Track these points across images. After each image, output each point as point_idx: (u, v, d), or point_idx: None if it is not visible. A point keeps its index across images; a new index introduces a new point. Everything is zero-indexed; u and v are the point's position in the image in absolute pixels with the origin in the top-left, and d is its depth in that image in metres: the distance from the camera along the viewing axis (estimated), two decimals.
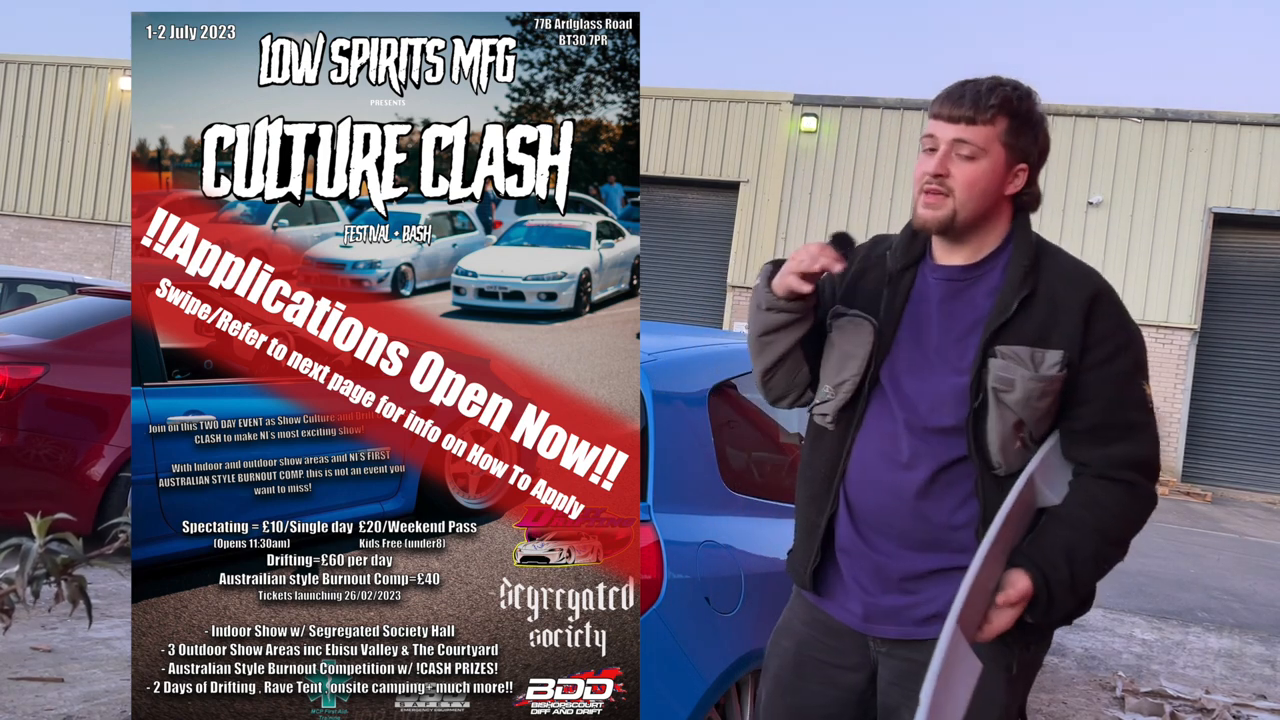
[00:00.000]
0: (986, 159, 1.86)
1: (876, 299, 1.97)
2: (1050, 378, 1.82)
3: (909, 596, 1.93)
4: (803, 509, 2.08)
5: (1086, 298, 1.86)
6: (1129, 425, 1.87)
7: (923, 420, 1.90)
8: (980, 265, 1.93)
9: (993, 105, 1.84)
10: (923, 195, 1.89)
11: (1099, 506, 1.85)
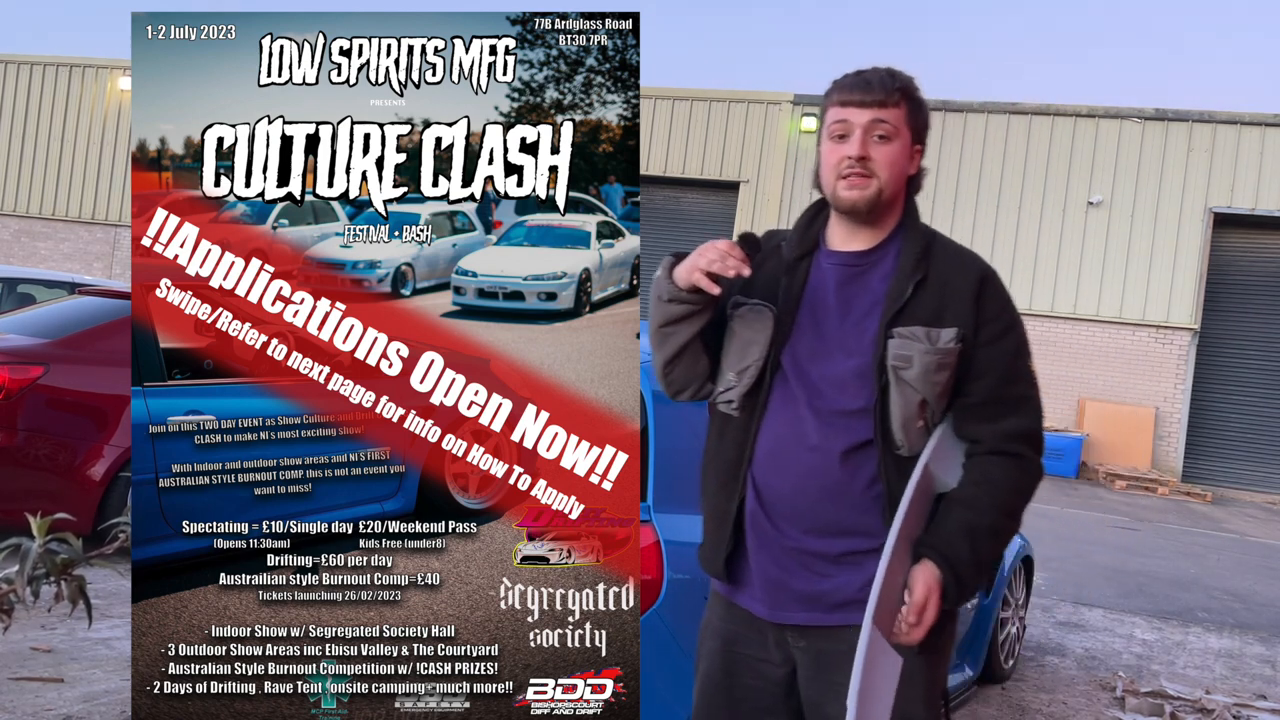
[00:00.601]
0: (899, 140, 1.97)
1: (774, 287, 2.02)
2: (946, 350, 1.91)
3: (819, 581, 1.96)
4: (711, 498, 2.08)
5: (976, 280, 1.97)
6: (1020, 398, 1.97)
7: (827, 403, 1.95)
8: (875, 251, 2.01)
9: (897, 89, 1.96)
10: (845, 179, 1.95)
11: (992, 483, 1.93)
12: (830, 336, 1.98)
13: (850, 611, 1.92)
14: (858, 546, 1.95)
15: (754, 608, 2.03)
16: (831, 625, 1.96)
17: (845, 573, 1.96)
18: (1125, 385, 17.17)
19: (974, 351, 1.94)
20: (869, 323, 1.96)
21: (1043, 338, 17.58)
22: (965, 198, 18.11)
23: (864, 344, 1.95)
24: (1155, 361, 17.05)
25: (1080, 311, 17.41)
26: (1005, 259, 17.81)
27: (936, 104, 18.34)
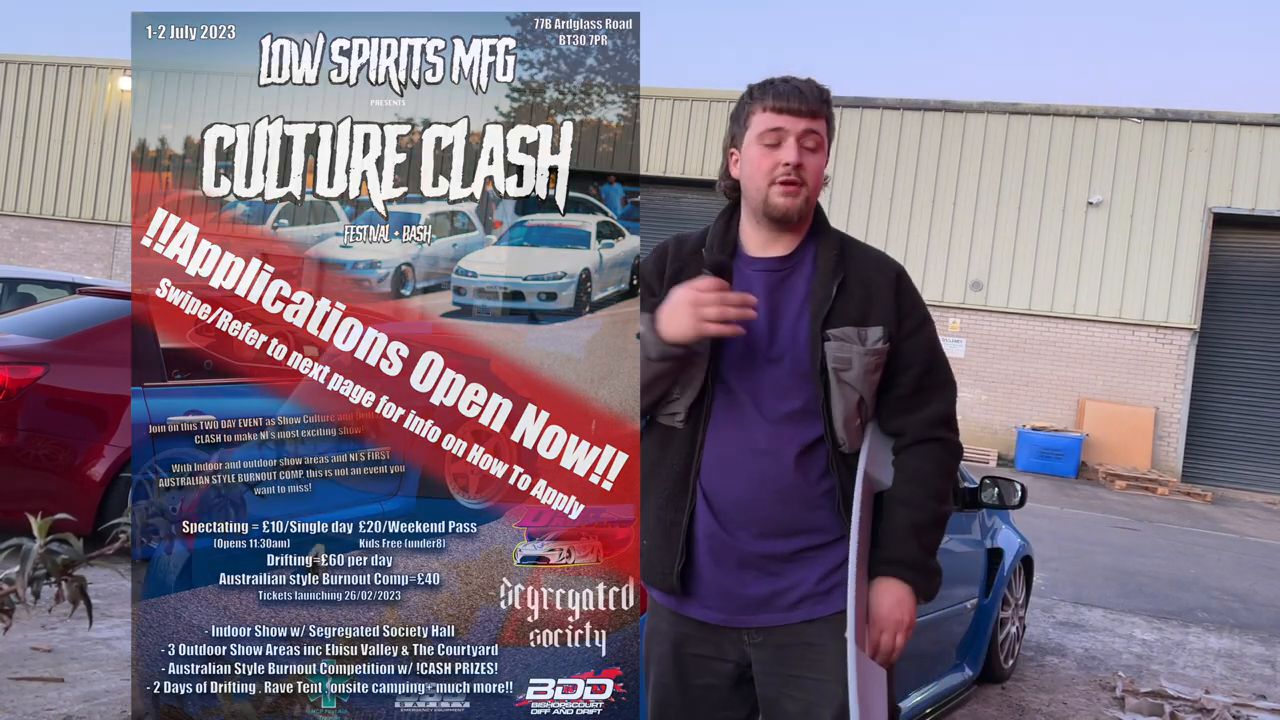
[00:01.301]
0: (823, 150, 2.03)
1: None
2: (878, 350, 2.00)
3: (775, 581, 2.01)
4: (657, 512, 2.09)
5: (893, 277, 2.07)
6: (939, 385, 2.09)
7: (771, 408, 2.00)
8: (794, 255, 2.07)
9: (824, 100, 2.02)
10: (780, 185, 1.99)
11: (925, 476, 2.04)
12: (764, 342, 2.02)
13: (809, 606, 2.00)
14: (811, 543, 2.01)
15: (707, 617, 2.06)
16: (790, 623, 2.01)
17: (800, 570, 2.01)
18: (1125, 385, 17.18)
19: (898, 346, 2.03)
20: (800, 326, 2.01)
21: (1043, 338, 17.59)
22: (965, 198, 18.11)
23: (799, 347, 2.00)
24: (1155, 361, 17.06)
25: (1080, 311, 17.42)
26: (1005, 259, 17.81)
27: (936, 104, 18.35)
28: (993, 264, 17.87)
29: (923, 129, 18.42)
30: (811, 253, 2.07)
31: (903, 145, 18.45)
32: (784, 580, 2.01)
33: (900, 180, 18.35)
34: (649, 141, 19.55)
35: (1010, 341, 17.55)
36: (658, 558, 2.08)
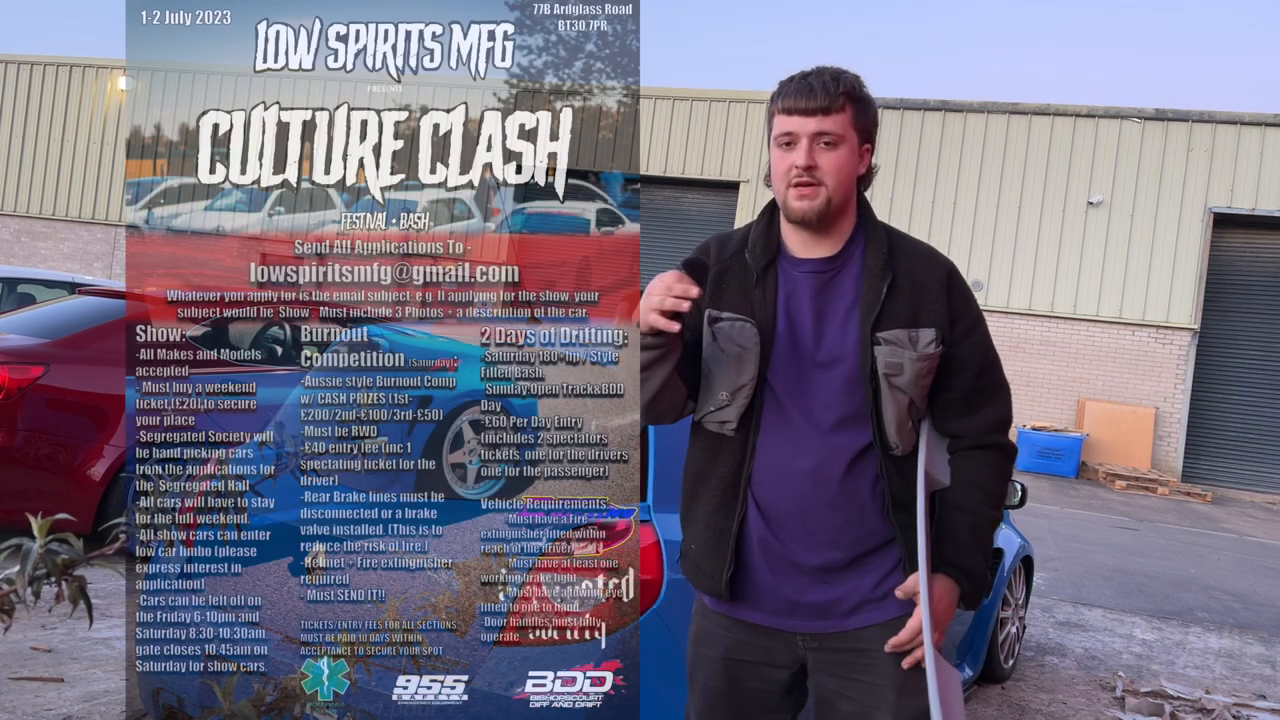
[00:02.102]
0: (845, 145, 1.95)
1: (747, 300, 2.00)
2: (930, 354, 1.95)
3: (832, 590, 1.98)
4: (706, 518, 2.04)
5: (943, 276, 2.00)
6: (993, 387, 2.04)
7: (820, 415, 1.96)
8: (841, 255, 2.01)
9: (842, 93, 1.93)
10: (794, 189, 1.94)
11: (983, 481, 2.02)
12: (811, 346, 1.98)
13: (864, 613, 1.97)
14: (863, 549, 1.98)
15: (762, 620, 2.03)
16: (846, 630, 1.99)
17: (855, 578, 1.98)
18: (1125, 385, 17.18)
19: (951, 349, 1.98)
20: (849, 328, 1.97)
21: (1043, 338, 17.58)
22: (965, 198, 18.11)
23: (847, 350, 1.96)
24: (1155, 361, 17.05)
25: (1080, 311, 17.42)
26: (1005, 259, 17.81)
27: (936, 104, 18.36)
28: (993, 264, 17.87)
29: (923, 129, 18.43)
30: (859, 251, 2.01)
31: (903, 145, 18.45)
32: (839, 588, 1.98)
33: (900, 180, 18.35)
34: (649, 141, 19.56)
35: (1010, 341, 17.54)
36: (706, 563, 2.04)
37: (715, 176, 19.50)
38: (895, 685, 1.94)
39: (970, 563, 1.99)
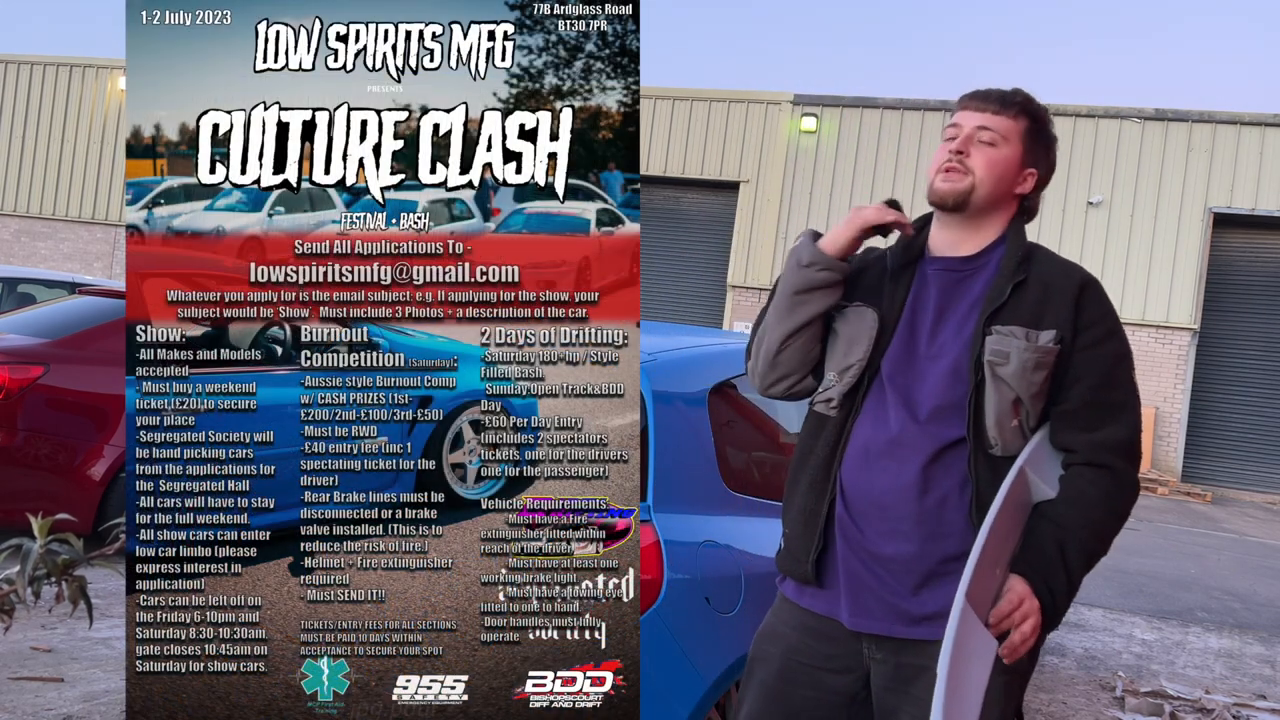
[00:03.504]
0: (1006, 147, 1.97)
1: (878, 292, 2.03)
2: (1045, 349, 1.89)
3: (902, 590, 1.92)
4: (800, 497, 2.04)
5: (1077, 284, 1.96)
6: (1117, 405, 1.94)
7: (920, 404, 1.94)
8: (978, 258, 2.01)
9: (1017, 102, 1.99)
10: (942, 172, 1.98)
11: (1088, 502, 1.89)
12: (927, 338, 1.98)
13: (933, 625, 1.86)
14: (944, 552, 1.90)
15: (834, 612, 1.99)
16: (913, 639, 1.91)
17: (930, 584, 1.91)
18: None
19: (1072, 355, 1.92)
20: (968, 322, 1.95)
21: None
22: None
23: (960, 343, 1.94)
24: (1155, 361, 17.05)
25: None
26: None
27: (936, 104, 18.36)
28: None
29: (923, 129, 18.42)
30: (997, 257, 2.00)
31: (903, 145, 18.44)
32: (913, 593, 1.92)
33: (900, 180, 18.34)
34: (649, 141, 19.55)
35: None
36: (797, 545, 2.03)
37: (715, 176, 19.49)
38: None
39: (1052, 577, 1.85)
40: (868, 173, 18.57)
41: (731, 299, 19.15)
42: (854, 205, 18.43)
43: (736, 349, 3.34)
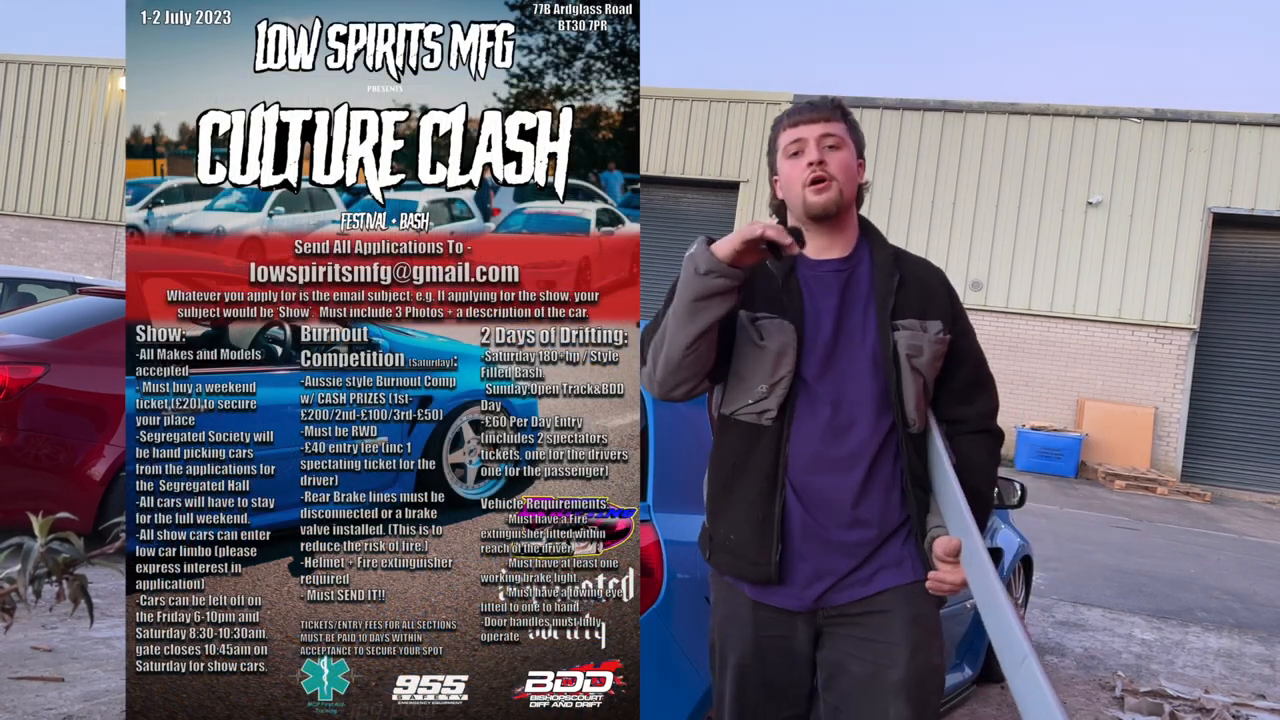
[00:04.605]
0: (846, 149, 2.19)
1: (777, 301, 2.15)
2: (942, 339, 2.18)
3: (860, 563, 2.12)
4: (747, 506, 2.15)
5: (944, 282, 2.27)
6: (986, 379, 2.29)
7: (853, 402, 2.13)
8: (853, 256, 2.22)
9: (836, 107, 2.21)
10: (810, 187, 2.14)
11: (982, 465, 2.23)
12: (836, 337, 2.14)
13: (884, 577, 2.12)
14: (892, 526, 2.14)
15: (790, 604, 2.14)
16: (867, 595, 2.13)
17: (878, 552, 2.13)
18: (1125, 385, 17.18)
19: (954, 342, 2.20)
20: (869, 318, 2.15)
21: (1042, 338, 17.58)
22: (965, 198, 18.11)
23: (869, 338, 2.14)
24: (1155, 361, 17.05)
25: (1080, 311, 17.41)
26: (1005, 259, 17.81)
27: (936, 104, 18.36)
28: (992, 264, 17.87)
29: (922, 129, 18.42)
30: (866, 255, 2.22)
31: (902, 145, 18.44)
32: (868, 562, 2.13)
33: (900, 180, 18.34)
34: (649, 141, 19.55)
35: (1010, 341, 17.54)
36: (751, 550, 2.14)
37: (715, 176, 19.50)
38: (909, 643, 2.08)
39: None
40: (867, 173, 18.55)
41: None
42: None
43: None
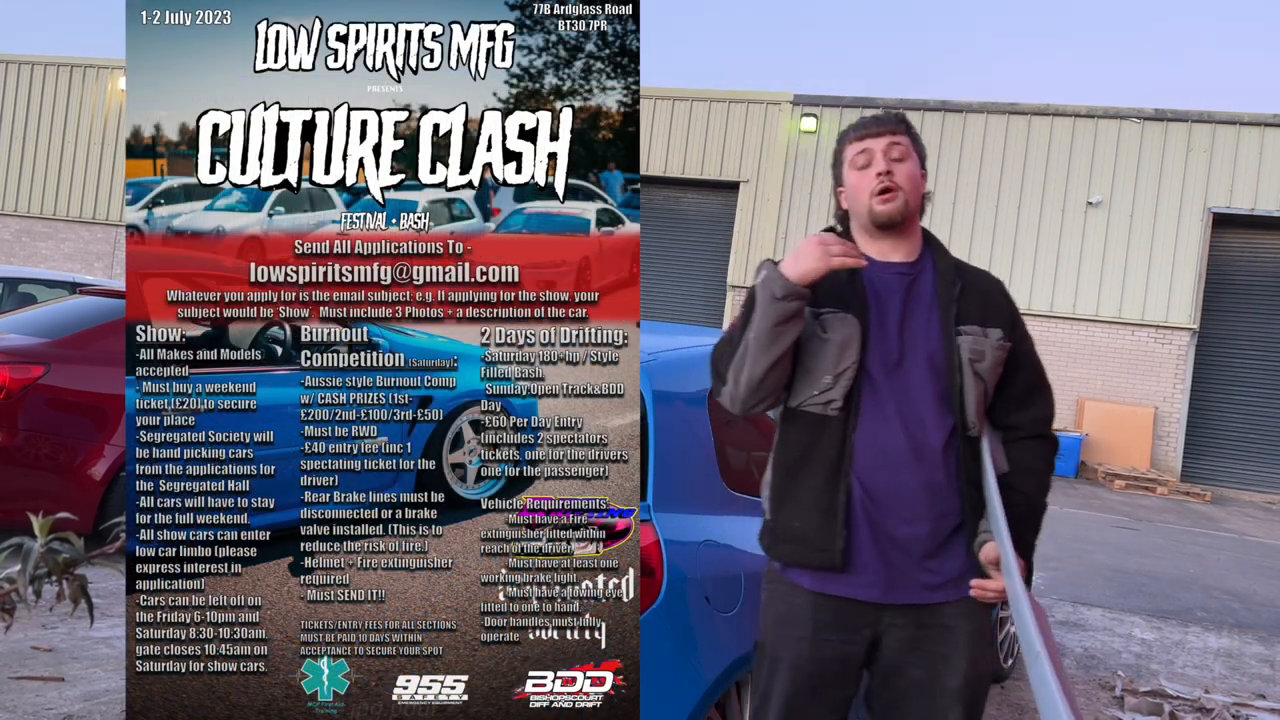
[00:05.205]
0: (911, 160, 2.27)
1: (841, 297, 2.21)
2: (1003, 345, 2.25)
3: (921, 564, 2.18)
4: (812, 494, 2.21)
5: (1004, 291, 2.35)
6: (1044, 386, 2.35)
7: (915, 399, 2.18)
8: (917, 263, 2.29)
9: (900, 121, 2.30)
10: (878, 196, 2.22)
11: (1036, 471, 2.29)
12: (900, 338, 2.21)
13: (949, 589, 2.20)
14: (949, 526, 2.20)
15: (858, 593, 2.19)
16: (932, 603, 2.20)
17: (942, 555, 2.20)
18: (1125, 385, 17.17)
19: (1013, 349, 2.27)
20: (932, 323, 2.23)
21: (1042, 338, 17.58)
22: (965, 198, 18.11)
23: (932, 342, 2.21)
24: (1155, 361, 17.05)
25: (1080, 311, 17.41)
26: (1005, 259, 17.80)
27: (936, 104, 18.35)
28: (992, 264, 17.86)
29: (922, 129, 18.40)
30: (930, 262, 2.30)
31: None
32: (929, 564, 2.19)
33: None
34: (649, 141, 19.55)
35: None
36: (816, 537, 2.20)
37: (715, 176, 19.49)
38: (968, 655, 2.18)
39: (1030, 537, 2.25)
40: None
41: (731, 299, 19.15)
42: None
43: None
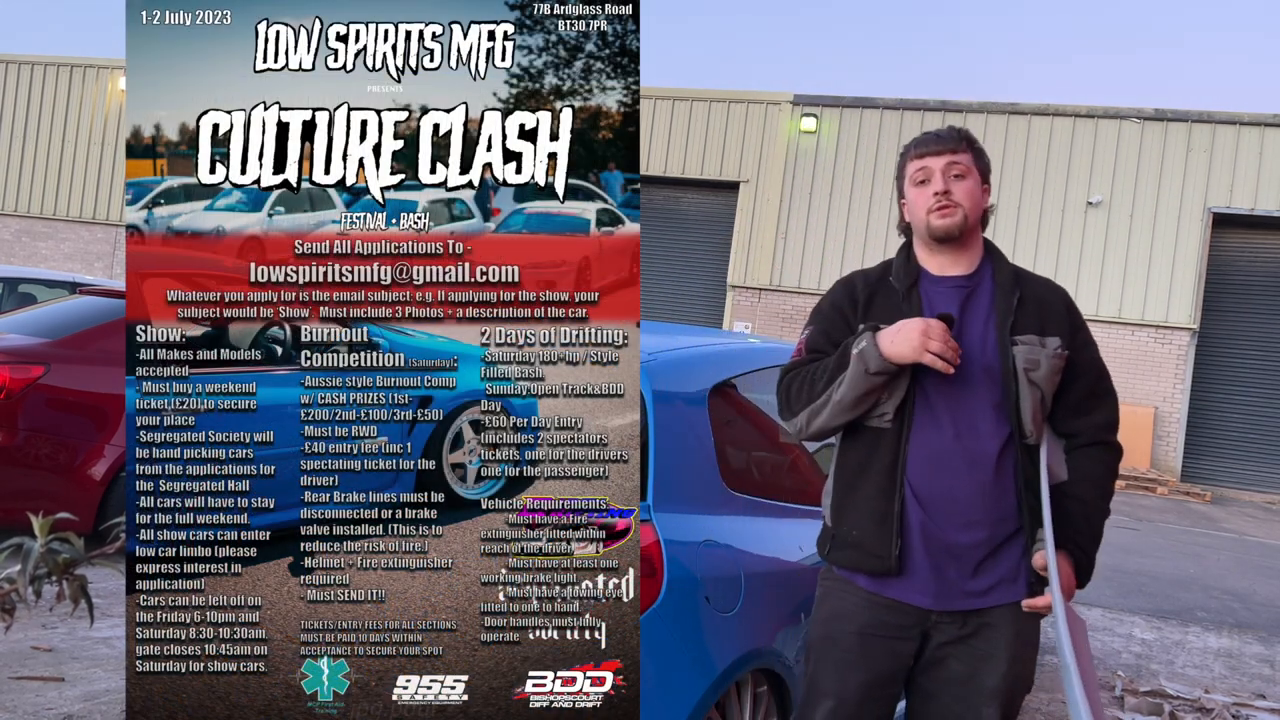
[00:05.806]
0: (971, 177, 2.33)
1: (897, 313, 2.29)
2: (1060, 354, 2.28)
3: (976, 569, 2.25)
4: (868, 502, 2.30)
5: (1065, 299, 2.39)
6: (1106, 392, 2.38)
7: (968, 409, 2.25)
8: (976, 274, 2.36)
9: (962, 138, 2.36)
10: (936, 211, 2.30)
11: (1096, 477, 2.33)
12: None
13: (999, 592, 2.26)
14: (1005, 532, 2.26)
15: (911, 598, 2.27)
16: (980, 608, 2.27)
17: (996, 559, 2.26)
18: (1125, 385, 17.17)
19: (1073, 357, 2.31)
20: (989, 333, 2.29)
21: None
22: None
23: (989, 352, 2.27)
24: (1155, 361, 17.05)
25: None
26: None
27: (936, 104, 18.35)
28: None
29: (922, 129, 18.39)
30: (989, 273, 2.36)
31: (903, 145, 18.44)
32: (980, 569, 2.26)
33: None
34: (649, 141, 19.55)
35: None
36: (871, 543, 2.29)
37: (715, 176, 19.49)
38: (1009, 656, 2.25)
39: (1086, 544, 2.27)
40: (867, 173, 18.57)
41: (731, 299, 19.15)
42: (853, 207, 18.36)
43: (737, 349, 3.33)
